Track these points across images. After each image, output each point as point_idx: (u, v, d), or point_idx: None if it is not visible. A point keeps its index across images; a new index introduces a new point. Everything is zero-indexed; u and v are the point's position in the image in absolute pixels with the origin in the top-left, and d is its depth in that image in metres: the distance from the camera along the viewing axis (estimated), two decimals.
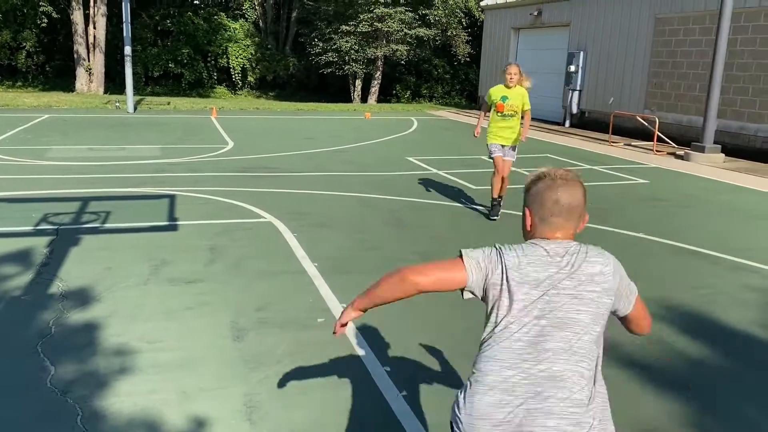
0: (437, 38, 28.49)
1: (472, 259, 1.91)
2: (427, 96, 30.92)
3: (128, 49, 18.53)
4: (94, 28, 25.66)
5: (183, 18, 29.68)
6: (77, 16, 25.23)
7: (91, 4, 25.52)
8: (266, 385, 3.52)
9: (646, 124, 15.27)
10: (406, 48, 27.05)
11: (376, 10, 25.62)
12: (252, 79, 30.92)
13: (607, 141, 15.38)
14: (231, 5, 33.17)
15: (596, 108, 17.94)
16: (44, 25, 27.12)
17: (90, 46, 25.88)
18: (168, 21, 29.75)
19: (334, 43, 26.75)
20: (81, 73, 25.78)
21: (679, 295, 5.16)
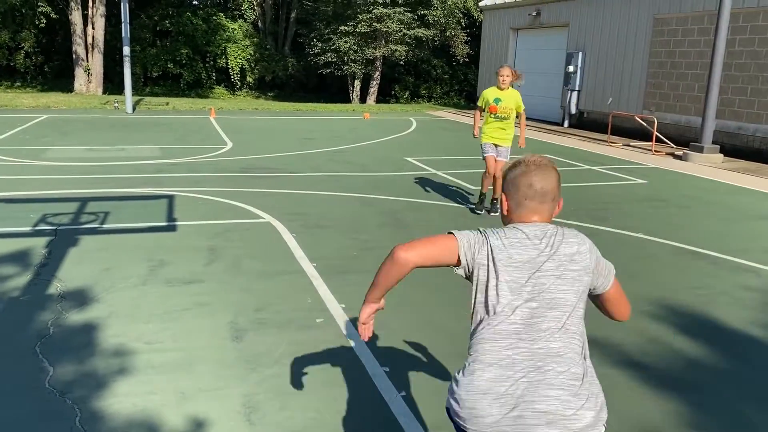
0: (436, 39, 28.50)
1: (463, 236, 1.97)
2: (425, 96, 30.94)
3: (127, 50, 18.53)
4: (93, 28, 25.66)
5: (182, 18, 29.66)
6: (76, 17, 25.22)
7: (90, 4, 25.51)
8: (265, 385, 3.52)
9: (645, 124, 15.28)
10: (404, 48, 27.06)
11: (375, 11, 25.63)
12: (251, 80, 30.91)
13: (606, 141, 15.39)
14: (230, 5, 33.16)
15: (595, 108, 17.95)
16: (43, 25, 27.11)
17: (89, 46, 25.87)
18: (167, 21, 29.74)
19: (333, 44, 26.75)
20: (80, 74, 25.77)
21: (678, 295, 5.16)
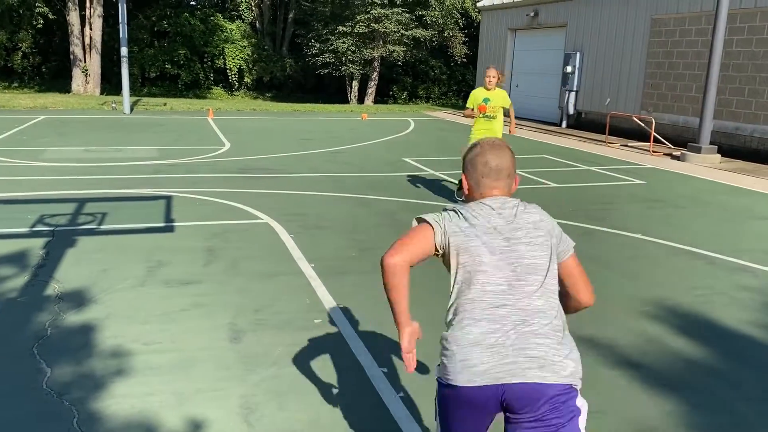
0: (434, 39, 28.51)
1: (434, 221, 2.11)
2: (423, 97, 30.95)
3: (124, 50, 18.51)
4: (91, 29, 25.62)
5: (179, 19, 29.64)
6: (73, 17, 25.19)
7: (88, 5, 25.48)
8: (263, 386, 3.51)
9: (643, 124, 15.29)
10: (402, 49, 27.06)
11: (373, 11, 25.63)
12: (249, 80, 30.89)
13: (604, 142, 15.41)
14: (227, 6, 33.15)
15: (593, 109, 17.97)
16: (40, 26, 27.07)
17: (86, 47, 25.84)
18: (164, 22, 29.72)
19: (331, 44, 26.75)
20: (77, 74, 25.74)
21: (675, 295, 5.17)
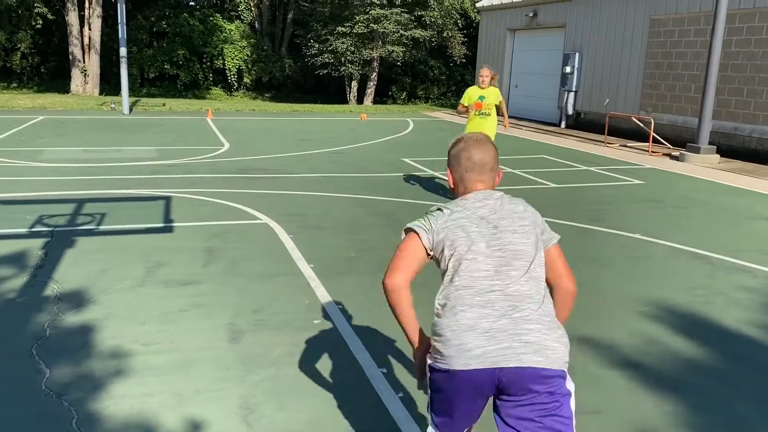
0: (433, 39, 28.52)
1: (418, 227, 2.19)
2: (423, 97, 30.95)
3: (123, 51, 18.50)
4: (89, 29, 25.61)
5: (178, 19, 29.63)
6: (72, 18, 25.18)
7: (86, 5, 25.46)
8: (262, 386, 3.51)
9: (642, 125, 15.31)
10: (402, 49, 27.07)
11: (372, 12, 25.64)
12: (248, 81, 30.88)
13: (603, 142, 15.41)
14: (227, 6, 33.15)
15: (592, 109, 17.98)
16: (39, 26, 27.06)
17: (85, 47, 25.83)
18: (163, 22, 29.70)
19: (330, 45, 26.75)
20: (76, 75, 25.73)
21: (675, 295, 5.17)
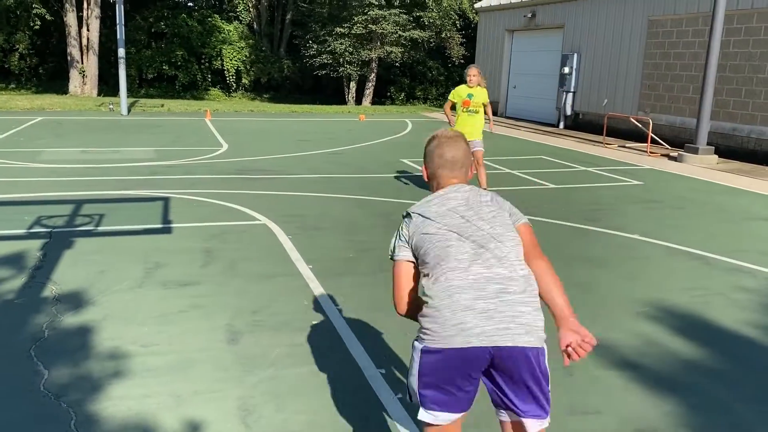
0: (431, 40, 28.53)
1: (398, 246, 2.33)
2: (421, 98, 30.97)
3: (122, 52, 18.49)
4: (88, 30, 25.60)
5: (177, 20, 29.63)
6: (71, 19, 25.17)
7: (85, 6, 25.45)
8: (261, 387, 3.51)
9: (640, 125, 15.32)
10: (400, 50, 27.08)
11: (371, 12, 25.64)
12: (246, 81, 30.88)
13: (601, 142, 15.43)
14: (225, 7, 33.15)
15: (590, 110, 17.99)
16: (37, 27, 27.05)
17: (83, 48, 25.82)
18: (162, 23, 29.70)
19: (329, 45, 26.76)
20: (74, 76, 25.71)
21: (673, 296, 5.17)
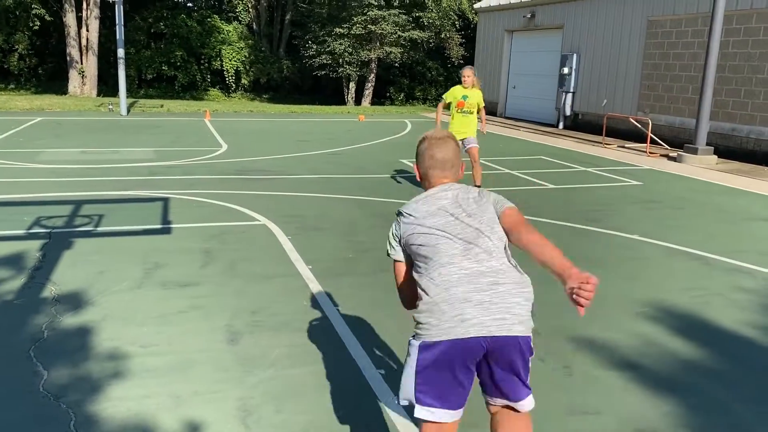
0: (431, 40, 28.54)
1: (392, 247, 2.48)
2: (420, 98, 30.97)
3: (121, 52, 18.49)
4: (87, 30, 25.60)
5: (176, 20, 29.62)
6: (70, 19, 25.16)
7: (84, 6, 25.45)
8: (261, 388, 3.51)
9: (639, 126, 15.33)
10: (399, 50, 27.08)
11: (370, 13, 25.65)
12: (246, 82, 30.88)
13: (601, 143, 15.43)
14: (224, 8, 33.15)
15: (589, 110, 18.00)
16: (37, 27, 27.05)
17: (83, 48, 25.81)
18: (161, 23, 29.70)
19: (328, 46, 26.76)
20: (74, 76, 25.70)
21: (673, 296, 5.18)
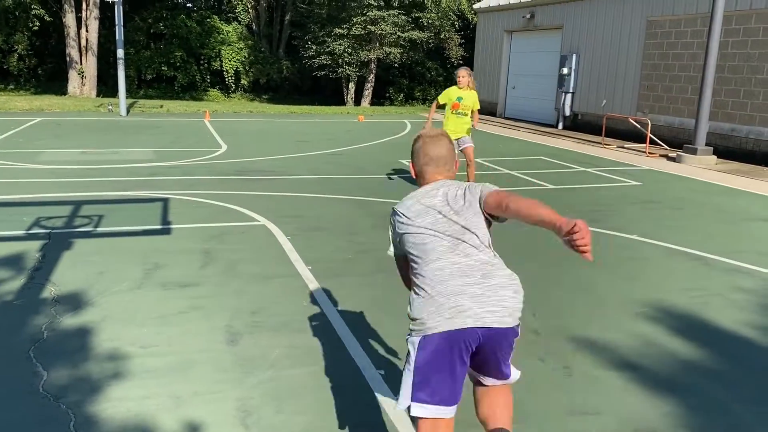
0: (430, 41, 28.55)
1: (392, 246, 2.70)
2: (420, 99, 30.99)
3: (121, 52, 18.49)
4: (87, 31, 25.59)
5: (176, 21, 29.62)
6: (69, 19, 25.16)
7: (84, 7, 25.44)
8: (260, 389, 3.51)
9: (639, 126, 15.34)
10: (399, 51, 27.08)
11: (369, 13, 25.65)
12: (245, 82, 30.88)
13: (600, 143, 15.44)
14: (224, 8, 33.15)
15: (589, 110, 18.01)
16: (36, 28, 27.04)
17: (82, 49, 25.80)
18: (161, 24, 29.70)
19: (328, 46, 26.76)
20: (73, 77, 25.69)
21: (672, 297, 5.18)
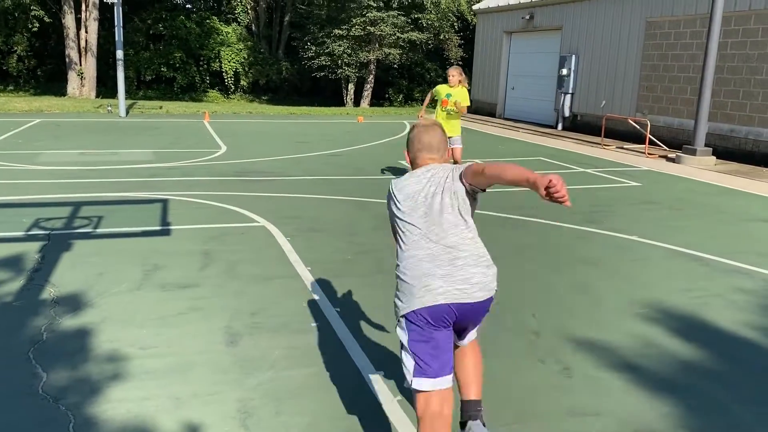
0: (430, 42, 28.55)
1: (390, 220, 2.83)
2: (419, 99, 30.97)
3: (120, 53, 18.49)
4: (86, 32, 25.58)
5: (175, 22, 29.61)
6: (69, 21, 25.15)
7: (83, 8, 25.44)
8: (260, 390, 3.51)
9: (638, 127, 15.34)
10: (398, 52, 27.09)
11: (369, 14, 25.65)
12: (245, 83, 30.88)
13: (600, 144, 15.44)
14: (223, 9, 33.14)
15: (588, 111, 18.01)
16: (36, 29, 27.03)
17: (82, 50, 25.80)
18: (160, 25, 29.69)
19: (327, 47, 26.75)
20: (73, 78, 25.68)
21: (672, 297, 5.18)
